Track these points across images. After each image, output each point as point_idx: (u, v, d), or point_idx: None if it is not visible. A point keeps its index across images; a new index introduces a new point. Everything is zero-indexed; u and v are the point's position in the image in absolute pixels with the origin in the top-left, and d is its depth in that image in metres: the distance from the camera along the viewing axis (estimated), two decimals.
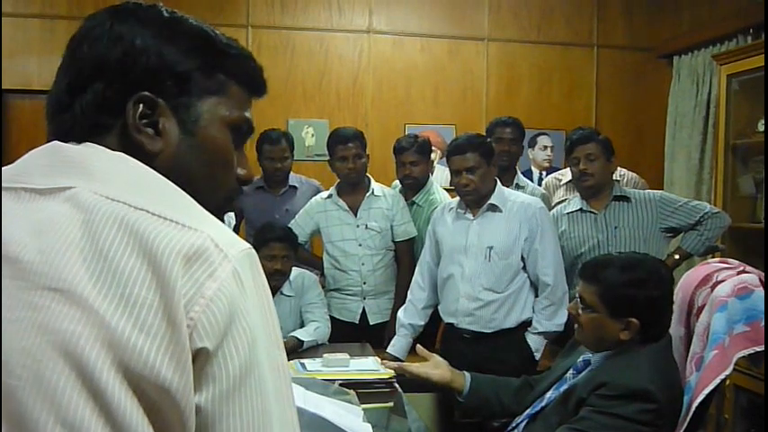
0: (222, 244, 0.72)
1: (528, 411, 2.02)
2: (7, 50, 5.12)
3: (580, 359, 2.02)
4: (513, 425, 2.04)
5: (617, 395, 1.76)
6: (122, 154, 0.80)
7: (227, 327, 0.70)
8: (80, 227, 0.70)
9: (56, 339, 0.65)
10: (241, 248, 0.74)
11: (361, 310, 3.56)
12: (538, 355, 3.00)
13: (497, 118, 3.90)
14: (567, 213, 3.30)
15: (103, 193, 0.73)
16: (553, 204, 3.70)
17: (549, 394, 2.02)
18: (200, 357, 0.69)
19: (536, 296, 3.02)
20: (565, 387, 1.95)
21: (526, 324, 3.00)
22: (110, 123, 0.82)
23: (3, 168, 0.79)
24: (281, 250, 3.19)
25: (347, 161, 3.51)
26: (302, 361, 2.67)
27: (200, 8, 5.05)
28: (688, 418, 1.77)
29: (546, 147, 5.43)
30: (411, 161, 3.65)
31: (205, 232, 0.72)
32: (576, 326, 2.03)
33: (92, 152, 0.79)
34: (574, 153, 3.23)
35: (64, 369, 0.65)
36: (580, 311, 1.96)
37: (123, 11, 0.85)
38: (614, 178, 3.30)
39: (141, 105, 0.82)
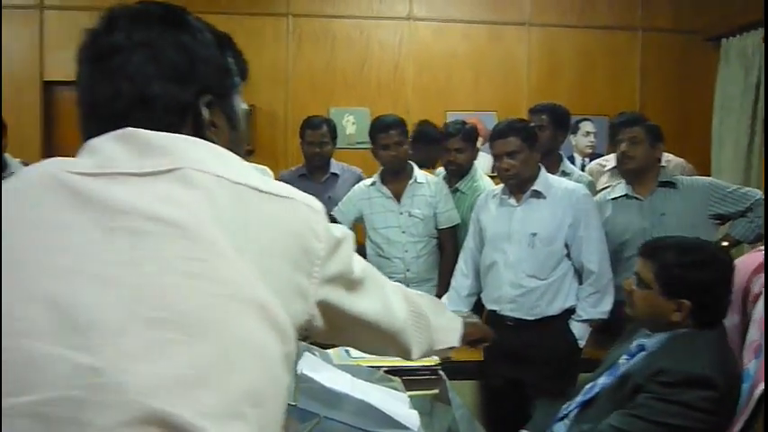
0: (310, 202, 0.92)
1: (579, 398, 2.00)
2: (54, 43, 5.24)
3: (634, 344, 2.01)
4: (564, 412, 2.03)
5: (676, 382, 1.74)
6: (198, 138, 0.90)
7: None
8: (205, 202, 0.81)
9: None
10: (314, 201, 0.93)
11: None
12: (582, 343, 2.97)
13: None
14: (612, 199, 3.26)
15: (206, 169, 0.84)
16: (597, 191, 3.65)
17: (601, 380, 2.00)
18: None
19: (580, 283, 3.00)
20: (619, 373, 1.93)
21: (570, 311, 2.97)
22: (179, 122, 0.92)
23: (79, 161, 0.86)
24: None
25: (389, 149, 3.52)
26: (347, 348, 2.69)
27: None
28: (751, 406, 1.74)
29: (589, 132, 5.35)
30: (456, 148, 3.64)
31: (296, 199, 0.90)
32: (626, 302, 2.03)
33: (178, 138, 0.88)
34: (619, 135, 3.20)
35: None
36: (634, 287, 1.97)
37: (174, 18, 0.94)
38: (661, 164, 3.24)
39: (206, 106, 0.94)
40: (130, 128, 0.86)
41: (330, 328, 0.97)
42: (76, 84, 0.95)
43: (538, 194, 2.98)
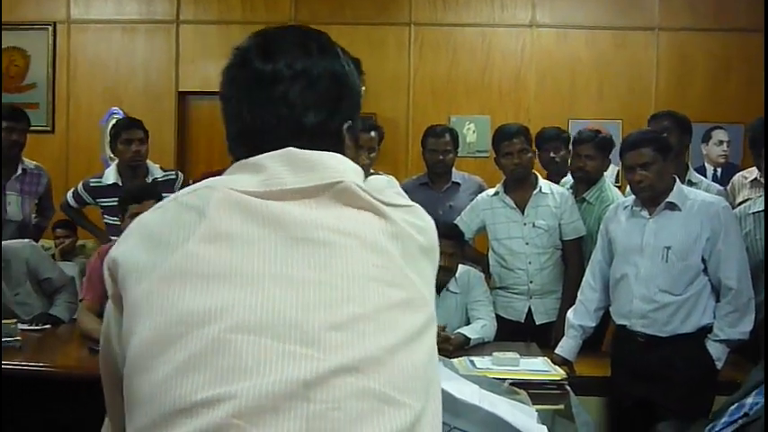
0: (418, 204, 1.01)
1: (725, 419, 1.89)
2: (188, 55, 5.51)
3: None
4: None
5: None
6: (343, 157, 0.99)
7: None
8: (372, 215, 0.91)
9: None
10: None
11: (527, 310, 3.51)
12: (719, 365, 2.82)
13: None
14: (753, 213, 3.08)
15: (360, 184, 0.93)
16: (737, 203, 3.46)
17: (749, 400, 1.88)
18: None
19: (717, 301, 2.85)
20: None
21: (706, 330, 2.84)
22: (325, 146, 0.97)
23: (244, 178, 0.92)
24: (448, 247, 3.20)
25: (512, 156, 3.48)
26: (471, 358, 2.67)
27: (364, 8, 5.19)
28: None
29: (722, 141, 5.10)
30: (587, 154, 3.59)
31: (413, 205, 0.99)
32: None
33: (330, 155, 0.96)
34: None
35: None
36: None
37: (328, 48, 1.01)
38: None
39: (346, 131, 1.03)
40: (290, 148, 0.94)
41: None
42: (227, 103, 1.01)
43: (672, 206, 2.87)
